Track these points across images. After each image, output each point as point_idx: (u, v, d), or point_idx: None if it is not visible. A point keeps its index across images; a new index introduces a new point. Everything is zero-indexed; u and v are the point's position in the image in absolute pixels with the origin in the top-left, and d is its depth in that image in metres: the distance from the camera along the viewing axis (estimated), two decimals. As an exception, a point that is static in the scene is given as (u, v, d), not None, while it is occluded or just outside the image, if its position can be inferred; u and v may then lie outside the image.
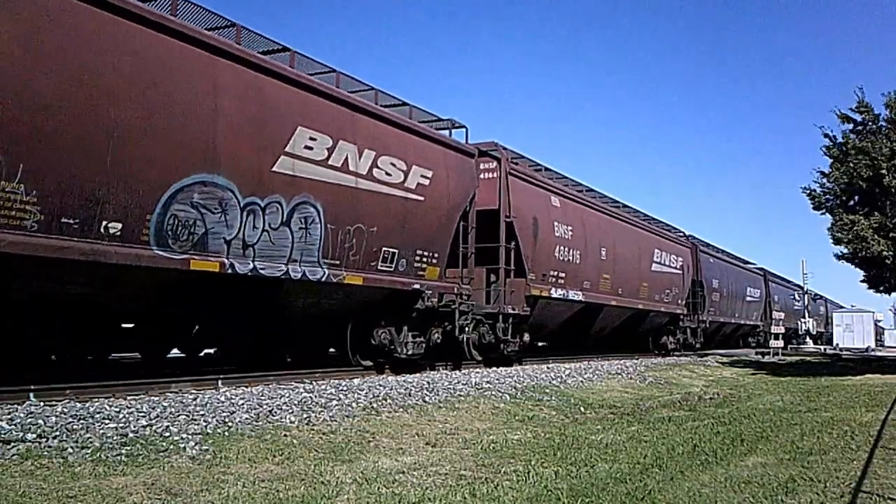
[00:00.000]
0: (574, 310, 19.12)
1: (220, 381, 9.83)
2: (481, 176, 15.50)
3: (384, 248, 11.87)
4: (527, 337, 16.67)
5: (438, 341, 13.68)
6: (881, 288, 21.39)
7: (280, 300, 10.70)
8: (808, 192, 20.76)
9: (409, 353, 12.84)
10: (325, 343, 13.49)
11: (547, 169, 18.99)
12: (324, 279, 10.69)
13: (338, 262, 10.95)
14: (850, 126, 19.86)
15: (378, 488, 5.16)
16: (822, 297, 64.99)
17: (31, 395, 7.72)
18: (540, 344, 22.53)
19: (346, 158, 10.96)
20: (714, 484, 5.57)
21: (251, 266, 9.55)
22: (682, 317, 27.27)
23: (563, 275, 17.83)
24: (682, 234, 29.10)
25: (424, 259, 12.95)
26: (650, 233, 24.79)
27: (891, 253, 18.28)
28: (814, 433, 8.30)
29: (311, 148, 10.30)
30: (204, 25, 9.59)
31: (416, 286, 12.74)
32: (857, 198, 20.01)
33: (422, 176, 12.73)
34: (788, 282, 51.69)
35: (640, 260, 23.23)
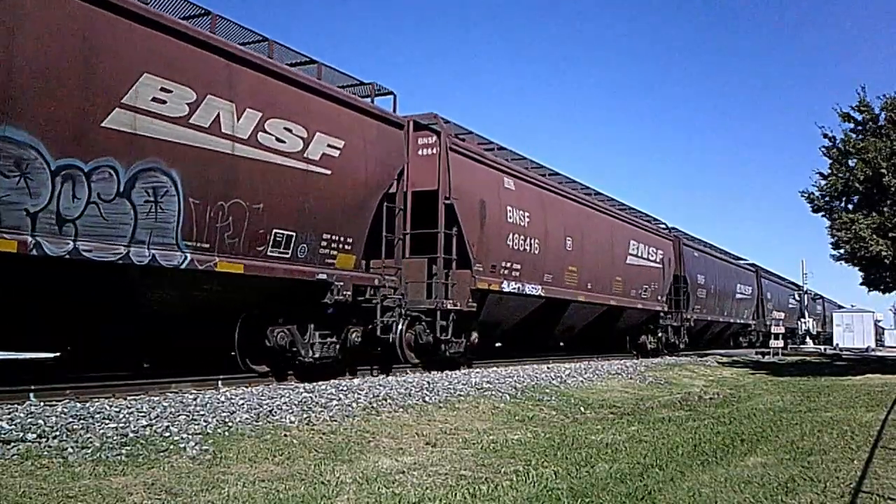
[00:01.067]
0: (534, 306, 17.01)
1: (220, 382, 9.84)
2: (419, 152, 13.76)
3: (276, 230, 9.90)
4: (475, 336, 14.83)
5: (357, 342, 11.75)
6: (880, 287, 21.43)
7: (126, 292, 8.78)
8: (806, 195, 20.80)
9: (317, 356, 10.91)
10: (206, 344, 11.01)
11: (501, 148, 16.91)
12: (185, 266, 8.65)
13: (207, 246, 8.93)
14: (851, 125, 19.91)
15: (378, 488, 5.16)
16: (821, 296, 65.00)
17: (31, 395, 7.74)
18: (498, 344, 20.78)
19: (218, 118, 9.00)
20: (714, 484, 5.57)
21: (71, 247, 7.50)
22: (662, 314, 25.24)
23: (517, 266, 15.75)
24: (663, 225, 26.94)
25: (334, 245, 10.94)
26: (625, 222, 22.67)
27: (890, 253, 18.31)
28: (814, 433, 8.30)
29: (162, 101, 8.34)
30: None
31: (323, 276, 10.70)
32: (855, 199, 20.05)
33: (329, 146, 10.69)
34: (783, 279, 49.95)
35: (612, 252, 21.22)
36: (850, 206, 20.15)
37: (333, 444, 6.70)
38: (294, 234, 10.23)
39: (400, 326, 12.85)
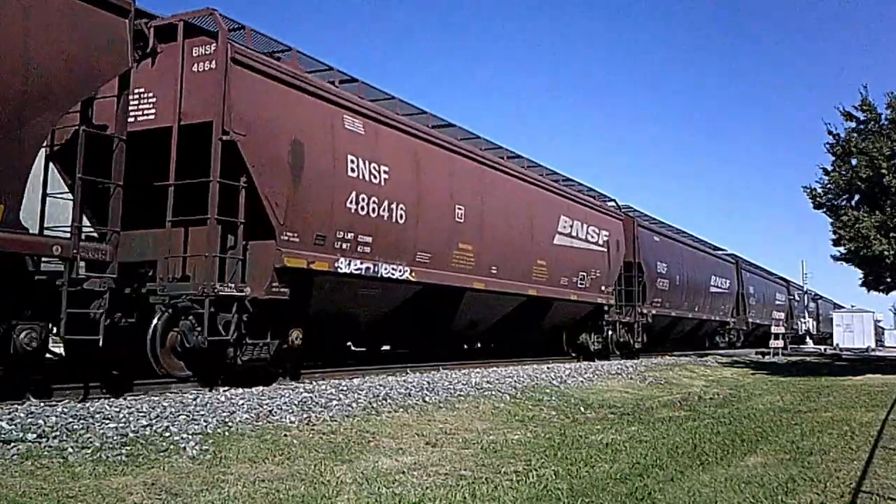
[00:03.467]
0: (405, 294, 12.65)
1: (219, 381, 9.83)
2: (194, 68, 9.47)
3: None
4: (295, 336, 10.56)
5: (30, 347, 7.35)
6: (881, 288, 21.45)
7: None
8: (808, 190, 20.79)
9: None
10: None
11: (351, 80, 12.18)
12: None
13: None
14: (853, 124, 19.91)
15: (378, 488, 5.16)
16: (819, 296, 64.98)
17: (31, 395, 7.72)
18: (350, 344, 15.52)
19: None
20: (714, 484, 5.57)
21: None
22: (607, 309, 20.85)
23: (366, 239, 11.43)
24: (610, 200, 22.43)
25: None
26: (554, 193, 18.08)
27: (892, 252, 18.31)
28: (814, 433, 8.31)
29: None
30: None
31: None
32: (857, 197, 20.08)
33: None
34: (769, 273, 44.89)
35: (532, 228, 16.70)
36: (852, 204, 20.16)
37: (333, 444, 6.70)
38: None
39: (155, 322, 8.82)
